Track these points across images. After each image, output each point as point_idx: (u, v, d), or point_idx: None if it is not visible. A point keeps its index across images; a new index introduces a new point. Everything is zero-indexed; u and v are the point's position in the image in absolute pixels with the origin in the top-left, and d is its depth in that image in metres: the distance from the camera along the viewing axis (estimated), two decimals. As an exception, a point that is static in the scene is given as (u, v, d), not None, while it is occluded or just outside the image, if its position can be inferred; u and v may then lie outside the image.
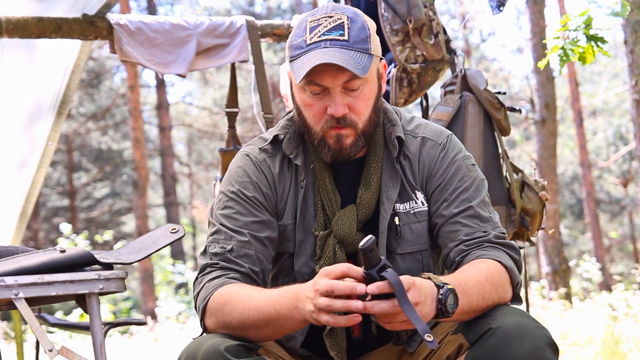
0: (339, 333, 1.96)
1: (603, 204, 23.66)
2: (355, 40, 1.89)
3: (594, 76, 24.85)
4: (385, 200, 1.97)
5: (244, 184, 1.99)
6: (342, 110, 1.89)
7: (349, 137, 1.93)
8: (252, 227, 1.94)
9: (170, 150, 20.81)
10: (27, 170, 4.84)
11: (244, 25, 4.18)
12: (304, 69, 1.87)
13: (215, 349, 1.70)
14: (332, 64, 1.85)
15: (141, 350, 9.66)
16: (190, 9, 24.46)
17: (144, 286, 16.35)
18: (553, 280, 11.00)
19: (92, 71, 21.10)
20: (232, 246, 1.92)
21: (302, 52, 1.89)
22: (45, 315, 3.82)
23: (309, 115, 1.94)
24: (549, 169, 10.82)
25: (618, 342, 6.40)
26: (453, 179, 1.97)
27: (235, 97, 4.21)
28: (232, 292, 1.83)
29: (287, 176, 2.01)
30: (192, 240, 24.85)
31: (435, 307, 1.67)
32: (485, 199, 1.98)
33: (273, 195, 2.00)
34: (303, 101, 1.94)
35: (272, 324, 1.76)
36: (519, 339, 1.69)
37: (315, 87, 1.90)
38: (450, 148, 2.01)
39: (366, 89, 1.92)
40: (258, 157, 2.03)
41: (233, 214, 1.96)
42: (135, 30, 4.00)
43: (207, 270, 1.92)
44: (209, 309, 1.85)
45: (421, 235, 1.98)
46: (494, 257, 1.86)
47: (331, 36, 1.88)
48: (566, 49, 2.97)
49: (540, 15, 11.18)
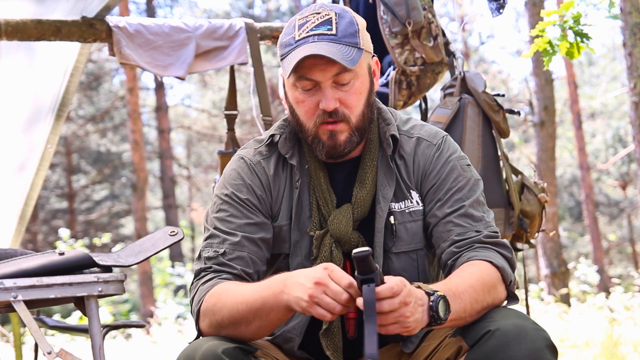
0: (335, 333, 1.96)
1: (602, 206, 23.66)
2: (344, 35, 1.90)
3: (592, 79, 24.87)
4: (382, 198, 1.98)
5: (237, 187, 2.00)
6: (334, 104, 1.91)
7: (342, 132, 1.94)
8: (246, 229, 1.95)
9: (169, 153, 20.80)
10: (26, 173, 4.84)
11: (243, 28, 4.18)
12: (292, 62, 1.88)
13: (212, 352, 1.70)
14: (320, 58, 1.87)
15: (140, 352, 9.66)
16: (189, 12, 24.48)
17: (143, 288, 16.33)
18: (552, 282, 11.00)
19: (91, 74, 21.10)
20: (224, 249, 1.93)
21: (291, 48, 1.91)
22: (44, 318, 3.82)
23: (302, 112, 1.95)
24: (547, 171, 10.83)
25: (617, 344, 6.40)
26: (447, 179, 1.98)
27: (234, 99, 4.21)
28: (222, 289, 1.84)
29: (282, 177, 2.02)
30: (191, 243, 24.84)
31: (427, 314, 1.67)
32: (479, 199, 1.98)
33: (267, 197, 2.01)
34: (295, 98, 1.96)
35: (259, 315, 1.76)
36: (518, 341, 1.69)
37: (305, 82, 1.92)
38: (445, 148, 2.02)
39: (357, 83, 1.93)
40: (252, 160, 2.04)
41: (227, 216, 1.97)
42: (135, 33, 4.00)
43: (202, 274, 1.93)
44: (202, 311, 1.86)
45: (416, 235, 1.99)
46: (484, 257, 1.86)
47: (319, 31, 1.90)
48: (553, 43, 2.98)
49: (539, 18, 11.18)
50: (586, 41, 3.29)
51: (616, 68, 22.61)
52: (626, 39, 4.40)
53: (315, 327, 1.98)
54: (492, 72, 23.36)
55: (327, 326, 1.95)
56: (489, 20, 27.58)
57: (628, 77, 4.53)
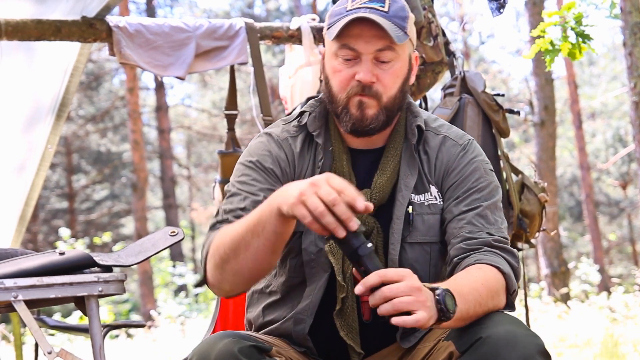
0: (349, 313, 1.95)
1: (602, 206, 23.66)
2: (395, 15, 1.92)
3: (592, 78, 24.87)
4: (403, 187, 1.99)
5: (263, 157, 2.01)
6: (370, 77, 1.92)
7: (371, 107, 1.94)
8: (268, 194, 1.93)
9: (170, 153, 20.80)
10: (27, 173, 4.84)
11: (243, 28, 4.18)
12: (339, 26, 1.90)
13: (228, 350, 1.69)
14: (367, 30, 1.89)
15: (140, 352, 9.66)
16: (189, 12, 24.47)
17: (143, 288, 16.34)
18: (552, 282, 11.00)
19: (91, 73, 21.10)
20: (245, 205, 1.93)
21: (341, 16, 1.93)
22: (44, 318, 3.82)
23: (336, 82, 1.96)
24: (548, 171, 10.83)
25: (617, 344, 6.41)
26: (469, 179, 1.99)
27: (235, 99, 4.21)
28: (228, 226, 1.85)
29: (306, 157, 2.03)
30: (191, 243, 24.85)
31: (436, 307, 1.66)
32: (497, 204, 1.99)
33: (290, 173, 2.01)
34: (332, 67, 1.97)
35: (256, 232, 1.75)
36: (509, 348, 1.67)
37: (347, 51, 1.93)
38: (470, 150, 2.04)
39: (397, 66, 1.95)
40: (280, 136, 2.05)
41: (250, 180, 1.97)
42: (135, 33, 4.00)
43: (217, 226, 1.93)
44: (210, 253, 1.86)
45: (432, 227, 1.99)
46: (492, 262, 1.86)
47: (372, 5, 1.91)
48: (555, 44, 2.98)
49: (540, 18, 11.18)
50: (588, 42, 3.29)
51: (616, 68, 22.61)
52: (626, 38, 4.40)
53: (327, 310, 1.96)
54: (492, 71, 23.35)
55: (341, 306, 1.94)
56: (489, 20, 27.59)
57: (628, 77, 4.53)
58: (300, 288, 1.99)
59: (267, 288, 2.06)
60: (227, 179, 3.98)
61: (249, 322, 2.12)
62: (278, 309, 2.02)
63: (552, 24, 3.04)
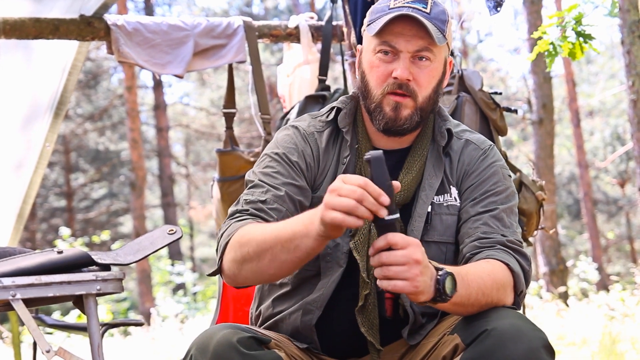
0: (371, 310, 1.96)
1: (600, 204, 23.67)
2: (436, 17, 1.96)
3: (591, 77, 24.86)
4: (427, 186, 2.01)
5: (289, 149, 2.02)
6: (407, 75, 1.94)
7: (407, 108, 1.97)
8: (290, 188, 1.96)
9: (168, 151, 20.79)
10: (25, 171, 4.84)
11: (241, 26, 4.18)
12: (381, 22, 1.92)
13: (227, 341, 1.70)
14: (409, 29, 1.92)
15: (139, 351, 9.66)
16: (188, 10, 24.45)
17: (142, 287, 16.33)
18: (550, 280, 11.00)
19: (89, 72, 21.08)
20: (266, 198, 1.94)
21: (384, 14, 1.95)
22: (42, 316, 3.82)
23: (373, 77, 1.98)
24: (546, 169, 10.83)
25: (615, 342, 6.41)
26: (487, 182, 2.02)
27: (233, 97, 4.21)
28: (254, 226, 1.86)
29: (331, 153, 2.05)
30: (189, 241, 24.83)
31: (434, 287, 1.68)
32: (513, 209, 2.01)
33: (314, 167, 2.03)
34: (370, 62, 1.99)
35: (287, 245, 1.75)
36: (514, 340, 1.69)
37: (387, 47, 1.95)
38: (491, 155, 2.07)
39: (433, 66, 1.98)
40: (307, 130, 2.07)
41: (273, 172, 1.99)
42: (133, 31, 4.00)
43: (237, 215, 1.94)
44: (230, 244, 1.86)
45: (450, 228, 2.01)
46: (502, 259, 1.88)
47: (415, 5, 1.94)
48: (555, 45, 2.98)
49: (538, 16, 11.18)
50: (589, 41, 3.29)
51: (614, 66, 22.60)
52: (624, 36, 4.40)
53: (336, 305, 1.97)
54: (490, 70, 23.36)
55: (363, 303, 1.95)
56: (487, 18, 27.58)
57: (626, 75, 4.53)
58: (313, 281, 2.00)
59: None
60: (225, 177, 3.98)
61: (254, 316, 2.13)
62: (288, 300, 2.04)
63: (553, 24, 3.04)
